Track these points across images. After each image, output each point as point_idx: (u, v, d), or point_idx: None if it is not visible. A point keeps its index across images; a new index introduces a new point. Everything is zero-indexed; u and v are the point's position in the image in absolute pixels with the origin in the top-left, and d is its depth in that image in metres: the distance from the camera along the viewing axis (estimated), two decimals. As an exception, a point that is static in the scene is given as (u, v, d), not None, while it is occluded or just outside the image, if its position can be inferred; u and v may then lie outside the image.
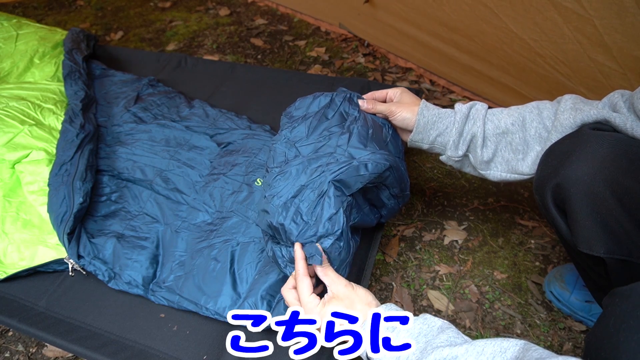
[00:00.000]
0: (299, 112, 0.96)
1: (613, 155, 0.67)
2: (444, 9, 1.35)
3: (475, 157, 0.86)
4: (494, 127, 0.83)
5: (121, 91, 1.41)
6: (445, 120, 0.87)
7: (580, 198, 0.67)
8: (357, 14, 1.76)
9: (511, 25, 1.18)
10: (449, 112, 0.88)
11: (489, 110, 0.86)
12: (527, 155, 0.81)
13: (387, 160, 0.82)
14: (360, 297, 0.72)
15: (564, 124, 0.76)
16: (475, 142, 0.84)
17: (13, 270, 0.95)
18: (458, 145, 0.86)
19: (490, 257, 1.11)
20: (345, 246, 0.78)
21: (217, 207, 1.06)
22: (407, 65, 1.73)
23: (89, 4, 2.40)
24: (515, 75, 1.29)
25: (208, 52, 1.95)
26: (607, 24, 0.97)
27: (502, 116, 0.84)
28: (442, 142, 0.88)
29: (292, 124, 0.93)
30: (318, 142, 0.87)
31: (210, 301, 0.89)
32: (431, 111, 0.88)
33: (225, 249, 0.96)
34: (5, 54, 1.40)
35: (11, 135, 1.10)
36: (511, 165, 0.83)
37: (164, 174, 1.12)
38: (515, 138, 0.82)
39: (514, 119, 0.82)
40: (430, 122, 0.88)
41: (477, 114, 0.85)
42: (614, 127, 0.72)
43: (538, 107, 0.82)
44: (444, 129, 0.87)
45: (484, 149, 0.84)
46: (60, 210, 0.96)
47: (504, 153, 0.84)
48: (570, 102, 0.78)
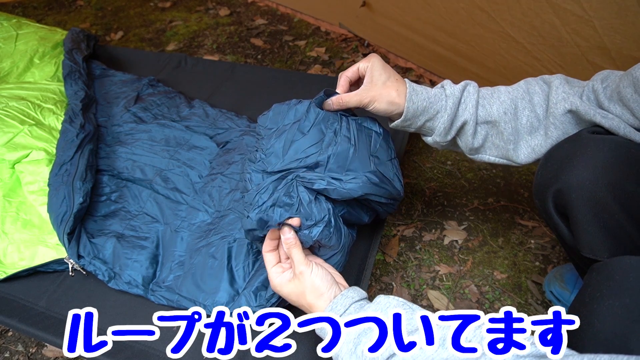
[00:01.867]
0: (274, 123, 0.88)
1: (613, 159, 0.67)
2: (440, 14, 1.35)
3: (466, 143, 0.83)
4: (485, 114, 0.80)
5: (121, 91, 1.41)
6: (437, 105, 0.80)
7: (583, 203, 0.67)
8: (355, 15, 1.77)
9: (508, 30, 1.18)
10: (438, 94, 0.81)
11: (480, 91, 0.81)
12: (518, 145, 0.79)
13: (363, 189, 0.79)
14: (313, 286, 0.70)
15: (556, 115, 0.75)
16: (465, 129, 0.81)
17: (13, 270, 0.95)
18: (449, 132, 0.82)
19: (490, 257, 1.11)
20: (335, 232, 0.77)
21: (216, 206, 1.06)
22: (407, 65, 1.74)
23: (89, 4, 2.40)
24: (513, 79, 1.29)
25: (208, 52, 1.95)
26: (606, 25, 0.96)
27: (493, 101, 0.80)
28: (431, 126, 0.82)
29: (268, 140, 0.86)
30: (294, 162, 0.82)
31: (209, 298, 0.89)
32: (420, 96, 0.80)
33: (222, 245, 0.96)
34: (5, 54, 1.40)
35: (11, 135, 1.10)
36: (501, 152, 0.81)
37: (163, 174, 1.12)
38: (508, 128, 0.79)
39: (506, 106, 0.79)
40: (420, 109, 0.80)
41: (468, 98, 0.80)
42: (608, 130, 0.72)
43: (529, 92, 0.79)
44: (435, 114, 0.81)
45: (475, 137, 0.81)
46: (60, 210, 0.96)
47: (494, 140, 0.81)
48: (562, 93, 0.75)
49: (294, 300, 0.72)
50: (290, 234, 0.74)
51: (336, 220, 0.79)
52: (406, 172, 1.32)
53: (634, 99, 0.66)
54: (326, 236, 0.76)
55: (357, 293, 0.69)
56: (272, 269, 0.75)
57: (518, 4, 1.09)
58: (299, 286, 0.71)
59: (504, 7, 1.13)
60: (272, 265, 0.75)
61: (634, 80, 0.65)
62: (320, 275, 0.71)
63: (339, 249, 0.80)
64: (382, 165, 0.85)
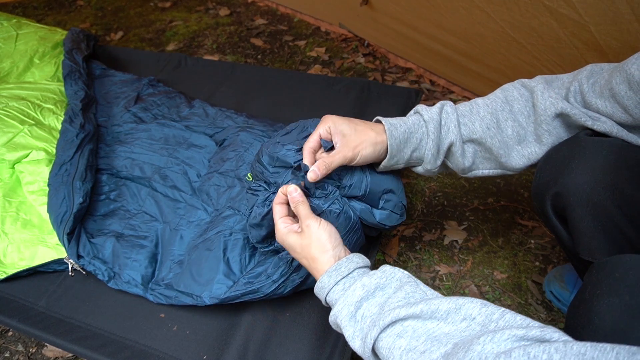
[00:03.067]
0: None
1: (612, 162, 0.67)
2: (440, 12, 1.35)
3: (456, 164, 0.81)
4: (469, 131, 0.77)
5: (121, 91, 1.41)
6: (417, 134, 0.77)
7: (581, 207, 0.67)
8: (356, 15, 1.77)
9: (508, 30, 1.18)
10: (416, 122, 0.78)
11: (457, 109, 0.78)
12: (510, 156, 0.78)
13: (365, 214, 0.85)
14: (319, 240, 0.69)
15: (547, 121, 0.74)
16: (453, 150, 0.78)
17: (13, 270, 0.95)
18: (437, 157, 0.79)
19: (490, 257, 1.11)
20: (341, 207, 0.79)
21: (215, 205, 1.06)
22: (407, 65, 1.74)
23: (89, 4, 2.40)
24: (513, 77, 1.29)
25: (208, 52, 1.95)
26: (602, 30, 0.97)
27: (474, 118, 0.78)
28: (418, 156, 0.80)
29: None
30: None
31: (205, 290, 0.88)
32: (399, 129, 0.77)
33: (217, 239, 0.95)
34: (5, 54, 1.40)
35: (11, 135, 1.10)
36: (494, 164, 0.80)
37: (162, 172, 1.12)
38: (495, 142, 0.77)
39: (488, 121, 0.77)
40: (402, 141, 0.77)
41: (448, 119, 0.77)
42: (601, 133, 0.71)
43: (507, 101, 0.77)
44: (418, 142, 0.78)
45: (464, 156, 0.79)
46: (60, 210, 0.96)
47: (484, 154, 0.79)
48: (548, 99, 0.73)
49: (297, 252, 0.71)
50: (296, 192, 0.73)
51: (346, 210, 0.80)
52: (406, 172, 1.32)
53: (628, 96, 0.65)
54: (335, 211, 0.78)
55: (362, 260, 0.68)
56: (280, 219, 0.74)
57: (517, 6, 1.09)
58: (304, 238, 0.70)
59: (503, 7, 1.14)
60: (281, 216, 0.74)
61: (628, 77, 0.64)
62: (328, 231, 0.69)
63: (347, 230, 0.81)
64: (391, 202, 0.86)
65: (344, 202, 0.81)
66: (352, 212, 0.82)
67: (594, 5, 0.94)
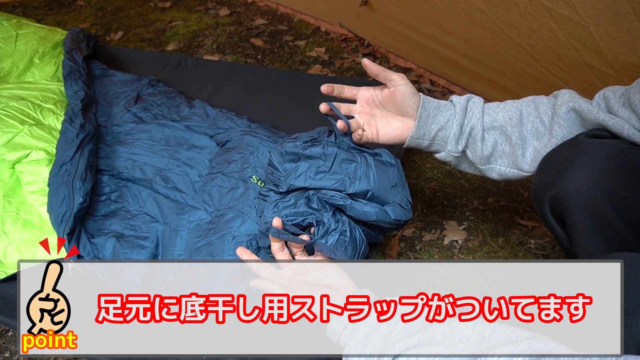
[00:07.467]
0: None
1: (611, 165, 0.67)
2: (440, 14, 1.35)
3: (475, 151, 0.84)
4: (491, 119, 0.82)
5: (121, 91, 1.41)
6: (446, 113, 0.83)
7: (579, 210, 0.68)
8: (356, 14, 1.77)
9: (507, 31, 1.18)
10: (447, 104, 0.84)
11: (485, 104, 0.84)
12: (526, 151, 0.80)
13: (379, 217, 0.84)
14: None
15: (560, 114, 0.77)
16: (474, 136, 0.82)
17: (13, 270, 0.95)
18: (459, 139, 0.83)
19: (490, 257, 1.12)
20: (350, 242, 0.80)
21: (216, 205, 1.06)
22: (407, 65, 1.74)
23: (89, 4, 2.40)
24: (513, 78, 1.30)
25: (208, 52, 1.95)
26: (602, 31, 0.97)
27: (498, 110, 0.83)
28: (443, 136, 0.84)
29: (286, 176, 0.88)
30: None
31: None
32: (432, 104, 0.84)
33: (220, 244, 0.96)
34: (5, 54, 1.40)
35: (11, 135, 1.10)
36: (511, 160, 0.82)
37: (163, 173, 1.12)
38: (515, 132, 0.80)
39: (511, 113, 0.81)
40: (431, 115, 0.83)
41: (474, 106, 0.83)
42: (611, 132, 0.72)
43: (534, 102, 0.81)
44: (445, 122, 0.83)
45: (484, 143, 0.82)
46: (60, 210, 0.96)
47: (503, 147, 0.82)
48: (568, 96, 0.77)
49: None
50: (275, 244, 0.80)
51: (352, 232, 0.81)
52: (406, 172, 1.32)
53: None
54: (342, 244, 0.78)
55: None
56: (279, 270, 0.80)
57: (516, 7, 1.10)
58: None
59: (502, 9, 1.14)
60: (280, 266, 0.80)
61: None
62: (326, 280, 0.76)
63: (355, 257, 0.83)
64: (399, 195, 0.88)
65: (347, 227, 0.82)
66: (357, 232, 0.83)
67: (594, 5, 0.94)
